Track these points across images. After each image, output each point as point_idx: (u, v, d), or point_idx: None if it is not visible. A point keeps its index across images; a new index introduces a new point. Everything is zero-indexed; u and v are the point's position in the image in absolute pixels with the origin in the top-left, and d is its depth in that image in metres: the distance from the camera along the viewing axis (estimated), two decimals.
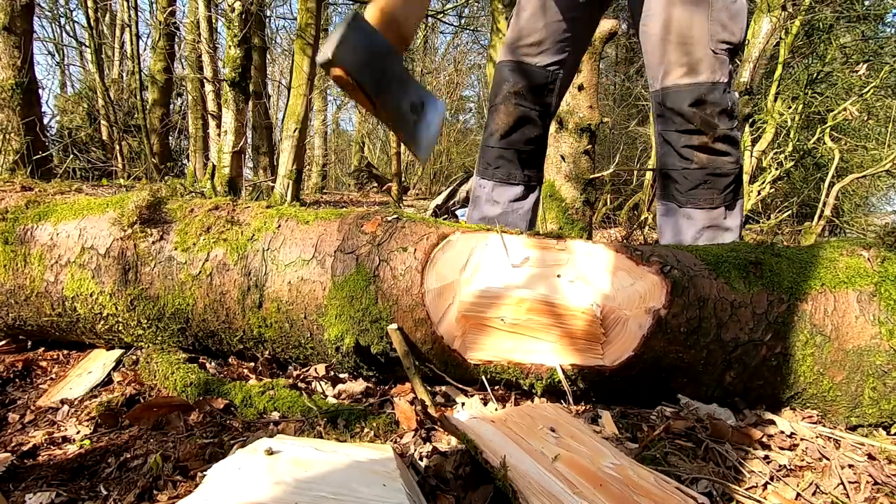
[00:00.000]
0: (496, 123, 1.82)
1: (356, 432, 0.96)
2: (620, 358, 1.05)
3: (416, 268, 1.09)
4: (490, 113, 1.85)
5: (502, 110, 1.80)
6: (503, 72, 1.81)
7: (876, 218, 9.02)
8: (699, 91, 1.56)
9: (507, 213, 1.83)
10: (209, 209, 1.25)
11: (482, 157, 1.89)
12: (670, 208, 1.71)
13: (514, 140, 1.82)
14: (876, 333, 1.01)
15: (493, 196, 1.85)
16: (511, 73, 1.78)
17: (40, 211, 1.27)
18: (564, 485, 0.70)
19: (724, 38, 1.54)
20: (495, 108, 1.82)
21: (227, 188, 4.47)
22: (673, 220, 1.70)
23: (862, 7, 6.54)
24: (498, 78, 1.83)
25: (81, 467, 0.87)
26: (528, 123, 1.82)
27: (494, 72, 1.86)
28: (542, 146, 1.89)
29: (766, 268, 1.08)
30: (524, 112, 1.81)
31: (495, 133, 1.82)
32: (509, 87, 1.78)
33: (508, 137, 1.82)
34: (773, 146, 6.80)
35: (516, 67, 1.78)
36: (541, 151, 1.89)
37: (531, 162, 1.87)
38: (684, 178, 1.65)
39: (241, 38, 4.26)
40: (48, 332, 1.30)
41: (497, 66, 1.84)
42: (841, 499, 0.83)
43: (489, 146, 1.85)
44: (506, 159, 1.83)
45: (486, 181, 1.87)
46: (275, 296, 1.16)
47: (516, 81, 1.78)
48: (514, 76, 1.78)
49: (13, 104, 3.80)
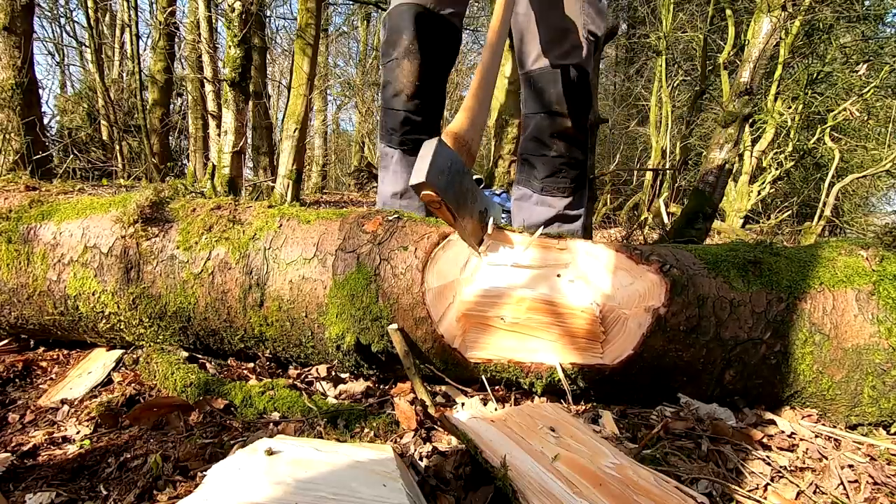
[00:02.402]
0: (400, 82, 1.57)
1: (356, 432, 0.96)
2: (620, 357, 1.05)
3: (416, 267, 1.10)
4: (388, 68, 1.60)
5: (406, 66, 1.56)
6: (403, 19, 1.55)
7: (876, 218, 9.03)
8: (571, 75, 1.62)
9: None
10: (211, 208, 1.25)
11: (385, 122, 1.65)
12: (525, 194, 1.76)
13: (423, 102, 1.62)
14: (875, 332, 1.01)
15: (400, 167, 1.65)
16: (414, 20, 1.54)
17: (44, 210, 1.27)
18: (564, 484, 0.70)
19: (592, 29, 1.62)
20: (396, 63, 1.57)
21: (227, 188, 4.46)
22: (528, 205, 1.76)
23: (862, 7, 6.54)
24: (395, 25, 1.56)
25: (81, 467, 0.87)
26: (438, 82, 1.64)
27: (387, 18, 1.59)
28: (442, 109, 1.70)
29: (764, 267, 1.08)
30: (433, 69, 1.60)
31: (401, 93, 1.58)
32: (410, 37, 1.54)
33: (415, 99, 1.60)
34: (773, 146, 6.81)
35: (422, 14, 1.55)
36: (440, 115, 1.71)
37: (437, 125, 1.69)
38: (543, 165, 1.71)
39: (241, 38, 4.26)
40: (50, 332, 1.31)
41: (393, 12, 1.57)
42: (841, 499, 0.83)
43: (393, 108, 1.61)
44: (413, 124, 1.62)
45: (391, 149, 1.67)
46: (276, 294, 1.16)
47: (421, 31, 1.55)
48: (417, 25, 1.54)
49: (13, 104, 3.80)
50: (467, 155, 1.11)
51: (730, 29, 5.76)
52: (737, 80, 3.00)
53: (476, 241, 1.12)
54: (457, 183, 1.01)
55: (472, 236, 1.10)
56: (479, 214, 1.11)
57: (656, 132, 6.75)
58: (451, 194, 0.99)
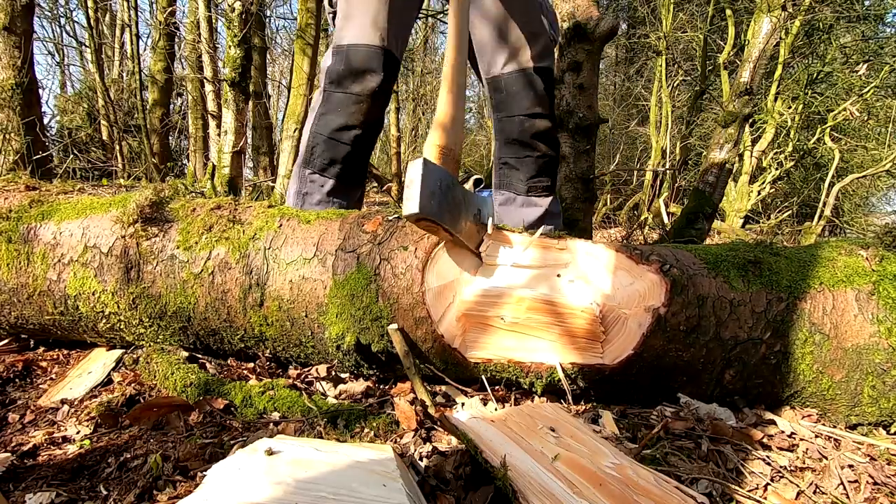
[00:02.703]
0: (356, 118, 1.58)
1: (356, 432, 0.96)
2: (620, 356, 1.05)
3: (416, 266, 1.10)
4: (345, 101, 1.59)
5: (365, 107, 1.58)
6: (373, 60, 1.55)
7: (876, 218, 9.03)
8: (544, 76, 1.69)
9: None
10: (211, 208, 1.25)
11: (323, 149, 1.63)
12: (509, 197, 1.80)
13: (369, 138, 1.65)
14: (875, 332, 1.01)
15: (332, 199, 1.66)
16: (383, 64, 1.55)
17: (44, 210, 1.27)
18: (564, 484, 0.70)
19: (553, 35, 1.70)
20: (356, 99, 1.58)
21: (227, 188, 4.46)
22: (514, 208, 1.79)
23: (862, 7, 6.54)
24: (363, 64, 1.55)
25: (81, 467, 0.87)
26: (379, 126, 1.68)
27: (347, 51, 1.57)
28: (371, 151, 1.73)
29: (764, 267, 1.08)
30: (381, 113, 1.64)
31: (352, 129, 1.60)
32: (377, 82, 1.56)
33: (364, 136, 1.63)
34: (773, 146, 6.81)
35: (389, 59, 1.56)
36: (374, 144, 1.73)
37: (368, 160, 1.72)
38: (527, 167, 1.76)
39: (241, 38, 4.26)
40: (50, 331, 1.31)
41: (360, 50, 1.56)
42: (841, 499, 0.83)
43: (339, 141, 1.61)
44: (355, 157, 1.64)
45: (325, 179, 1.65)
46: (276, 294, 1.16)
47: (387, 77, 1.56)
48: (385, 71, 1.56)
49: (13, 104, 3.80)
50: (453, 162, 1.12)
51: (730, 29, 5.77)
52: (737, 80, 3.00)
53: (475, 244, 1.13)
54: (448, 199, 1.02)
55: (471, 241, 1.11)
56: (473, 217, 1.12)
57: (656, 132, 6.75)
58: (446, 215, 1.00)
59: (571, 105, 3.07)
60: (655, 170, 6.14)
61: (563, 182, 3.06)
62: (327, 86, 1.62)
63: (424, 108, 11.63)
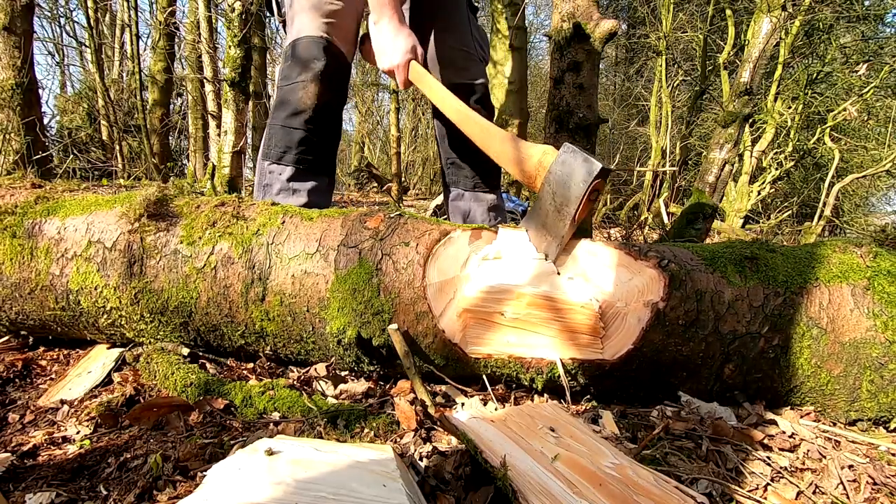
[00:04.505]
0: (303, 103, 1.64)
1: (356, 432, 0.96)
2: (620, 351, 1.05)
3: (418, 262, 1.10)
4: (289, 90, 1.66)
5: (312, 90, 1.64)
6: (313, 48, 1.64)
7: (876, 218, 9.03)
8: (486, 90, 1.93)
9: (310, 205, 1.65)
10: (215, 205, 1.26)
11: (277, 140, 1.68)
12: (459, 194, 2.01)
13: (321, 124, 1.68)
14: (871, 326, 1.02)
15: (292, 185, 1.68)
16: (324, 51, 1.64)
17: (49, 206, 1.27)
18: (564, 484, 0.70)
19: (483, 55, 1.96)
20: (302, 85, 1.64)
21: (227, 188, 4.46)
22: (463, 203, 2.00)
23: (862, 7, 6.54)
24: (305, 53, 1.65)
25: (81, 467, 0.87)
26: (336, 110, 1.73)
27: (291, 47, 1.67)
28: (338, 139, 1.79)
29: (761, 262, 1.09)
30: (333, 97, 1.69)
31: (301, 113, 1.65)
32: (322, 65, 1.64)
33: (314, 120, 1.66)
34: (773, 146, 6.81)
35: (329, 47, 1.66)
36: (337, 144, 1.80)
37: (332, 151, 1.77)
38: (472, 167, 1.96)
39: (241, 38, 4.26)
40: (50, 328, 1.31)
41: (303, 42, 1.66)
42: (841, 499, 0.83)
43: (290, 127, 1.66)
44: (310, 143, 1.67)
45: (283, 167, 1.68)
46: (278, 289, 1.16)
47: (329, 62, 1.65)
48: (327, 56, 1.65)
49: (13, 104, 3.80)
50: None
51: (730, 29, 5.76)
52: (737, 80, 3.00)
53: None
54: None
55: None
56: None
57: (656, 132, 6.75)
58: None
59: (571, 105, 3.06)
60: (655, 170, 6.14)
61: None
62: (280, 82, 1.71)
63: (424, 108, 11.62)
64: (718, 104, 6.74)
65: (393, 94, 7.50)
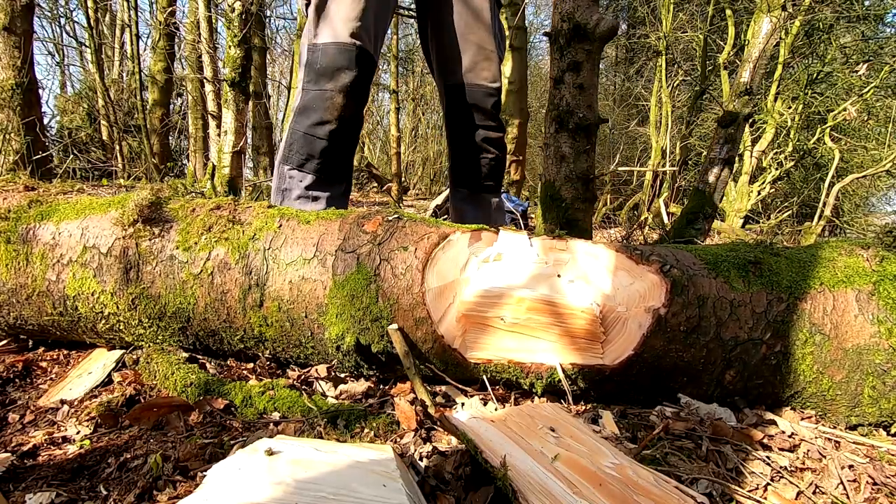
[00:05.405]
0: (330, 114, 1.62)
1: (356, 432, 0.96)
2: (621, 357, 1.05)
3: (416, 267, 1.09)
4: (316, 97, 1.63)
5: (338, 101, 1.61)
6: (345, 58, 1.59)
7: (876, 218, 9.03)
8: (498, 95, 1.91)
9: None
10: (211, 209, 1.25)
11: (300, 147, 1.66)
12: (466, 194, 2.03)
13: (346, 134, 1.67)
14: (875, 332, 1.01)
15: (311, 193, 1.69)
16: (356, 61, 1.60)
17: (43, 210, 1.27)
18: (564, 484, 0.70)
19: (500, 55, 1.90)
20: (329, 95, 1.61)
21: (227, 188, 4.46)
22: (471, 203, 2.02)
23: (862, 7, 6.54)
24: (335, 61, 1.60)
25: (81, 467, 0.87)
26: (359, 117, 1.72)
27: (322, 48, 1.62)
28: (357, 144, 1.78)
29: (764, 267, 1.08)
30: (358, 109, 1.68)
31: (327, 124, 1.63)
32: (351, 78, 1.60)
33: (340, 131, 1.65)
34: (773, 146, 6.81)
35: (362, 55, 1.61)
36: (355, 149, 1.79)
37: (351, 157, 1.76)
38: (481, 168, 1.98)
39: (241, 38, 4.26)
40: (49, 332, 1.31)
41: (332, 48, 1.61)
42: (841, 499, 0.83)
43: (315, 136, 1.63)
44: (333, 154, 1.67)
45: (303, 174, 1.67)
46: (276, 295, 1.16)
47: (359, 74, 1.61)
48: (357, 67, 1.60)
49: (13, 104, 3.80)
50: None
51: (730, 29, 5.76)
52: (737, 80, 3.00)
53: None
54: None
55: None
56: None
57: (656, 132, 6.75)
58: None
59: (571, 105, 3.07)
60: (655, 170, 6.14)
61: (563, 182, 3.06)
62: (305, 84, 1.67)
63: (424, 108, 11.62)
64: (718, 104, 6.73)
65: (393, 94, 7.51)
